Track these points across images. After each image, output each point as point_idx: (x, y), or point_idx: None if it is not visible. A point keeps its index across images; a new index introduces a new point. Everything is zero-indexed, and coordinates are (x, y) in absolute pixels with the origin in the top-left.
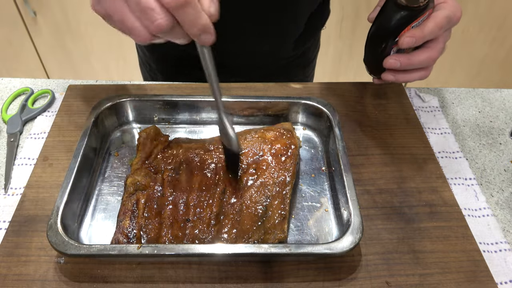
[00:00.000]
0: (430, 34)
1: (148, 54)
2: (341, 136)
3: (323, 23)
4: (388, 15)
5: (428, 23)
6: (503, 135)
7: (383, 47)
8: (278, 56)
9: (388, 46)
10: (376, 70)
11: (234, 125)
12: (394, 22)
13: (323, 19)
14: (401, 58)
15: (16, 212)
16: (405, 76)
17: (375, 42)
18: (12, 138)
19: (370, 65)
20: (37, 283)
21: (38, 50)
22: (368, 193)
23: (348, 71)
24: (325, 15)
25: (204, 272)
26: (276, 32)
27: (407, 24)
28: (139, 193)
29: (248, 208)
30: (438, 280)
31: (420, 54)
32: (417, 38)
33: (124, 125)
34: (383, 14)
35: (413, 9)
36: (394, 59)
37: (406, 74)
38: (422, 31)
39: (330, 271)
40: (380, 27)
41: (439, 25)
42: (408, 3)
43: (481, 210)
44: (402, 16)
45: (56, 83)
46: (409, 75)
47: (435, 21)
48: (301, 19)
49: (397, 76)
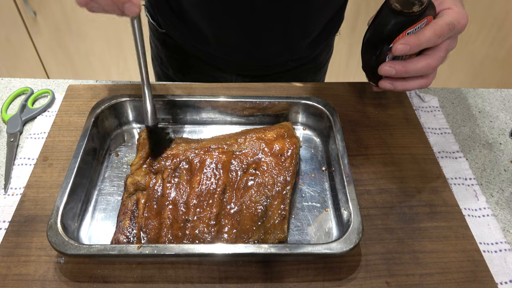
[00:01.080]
0: (427, 42)
1: (160, 48)
2: (341, 136)
3: (337, 29)
4: (382, 20)
5: (425, 30)
6: (503, 135)
7: (378, 53)
8: (289, 57)
9: (383, 53)
10: (373, 78)
11: (234, 125)
12: (389, 27)
13: (337, 25)
14: (396, 65)
15: (16, 212)
16: (403, 84)
17: (370, 48)
18: (12, 138)
19: (367, 72)
20: (37, 283)
21: (38, 50)
22: (368, 193)
23: (348, 71)
24: (340, 21)
25: (204, 272)
26: (292, 33)
27: (402, 30)
28: (139, 193)
29: (248, 208)
30: (438, 280)
31: (417, 62)
32: (412, 46)
33: (124, 125)
34: (378, 19)
35: (409, 15)
36: (389, 66)
37: (404, 82)
38: (418, 39)
39: (330, 271)
40: (374, 32)
41: (437, 33)
42: (403, 8)
43: (481, 210)
44: (397, 22)
45: (56, 83)
46: (408, 83)
47: (433, 28)
48: (319, 23)
49: (394, 84)
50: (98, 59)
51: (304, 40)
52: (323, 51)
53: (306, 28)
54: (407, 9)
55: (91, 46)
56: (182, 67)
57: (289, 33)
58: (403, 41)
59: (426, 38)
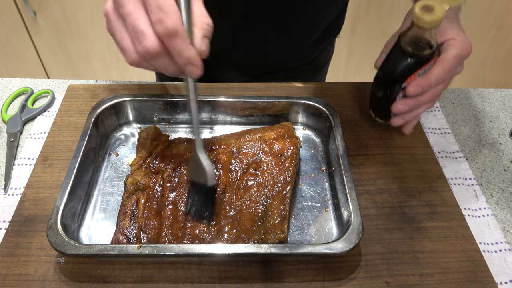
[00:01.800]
0: (437, 80)
1: None
2: (341, 136)
3: (339, 31)
4: (394, 62)
5: (434, 69)
6: (503, 135)
7: (389, 93)
8: (290, 57)
9: (395, 92)
10: (384, 115)
11: (234, 125)
12: (401, 69)
13: (340, 25)
14: (408, 101)
15: (16, 212)
16: (412, 114)
17: (382, 88)
18: (12, 138)
19: (377, 111)
20: (37, 283)
21: (38, 50)
22: (368, 193)
23: (348, 71)
24: (341, 23)
25: (204, 272)
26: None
27: (413, 70)
28: (139, 193)
29: (248, 208)
30: (438, 280)
31: (426, 94)
32: (424, 87)
33: (124, 125)
34: (390, 61)
35: (420, 56)
36: (401, 104)
37: (413, 113)
38: (429, 79)
39: (330, 271)
40: (386, 73)
41: (446, 70)
42: (414, 50)
43: (481, 210)
44: (409, 63)
45: (56, 83)
46: (417, 111)
47: (442, 66)
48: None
49: (405, 117)
50: (98, 59)
51: (308, 38)
52: (324, 52)
53: (310, 27)
54: (418, 52)
55: (91, 46)
56: None
57: (294, 31)
58: (416, 84)
59: (437, 77)
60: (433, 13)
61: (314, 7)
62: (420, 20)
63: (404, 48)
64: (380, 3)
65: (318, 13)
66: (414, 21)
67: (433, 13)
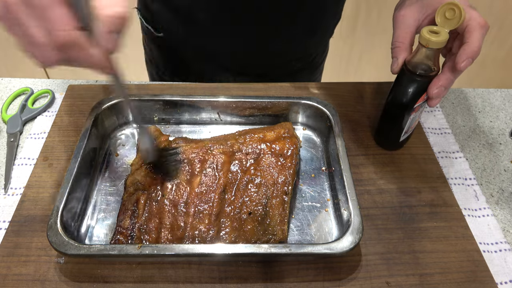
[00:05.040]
0: (480, 47)
1: (155, 52)
2: (341, 136)
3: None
4: (405, 86)
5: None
6: (503, 135)
7: (399, 119)
8: (286, 57)
9: (405, 116)
10: (393, 143)
11: (234, 125)
12: (412, 91)
13: (334, 27)
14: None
15: (16, 212)
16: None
17: (392, 113)
18: (12, 138)
19: (385, 139)
20: (37, 283)
21: None
22: (368, 193)
23: (348, 71)
24: (336, 23)
25: (204, 272)
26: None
27: (423, 92)
28: (139, 193)
29: (248, 208)
30: (438, 280)
31: None
32: (474, 57)
33: (124, 125)
34: (400, 86)
35: (429, 77)
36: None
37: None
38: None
39: (330, 271)
40: (398, 98)
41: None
42: (422, 72)
43: (481, 210)
44: (418, 85)
45: (56, 83)
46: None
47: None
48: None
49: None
50: None
51: (311, 38)
52: (320, 51)
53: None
54: (425, 73)
55: None
56: (179, 71)
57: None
58: (464, 57)
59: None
60: (440, 35)
61: (315, 8)
62: (431, 42)
63: (413, 71)
64: (380, 3)
65: (318, 13)
66: (423, 44)
67: (439, 35)
